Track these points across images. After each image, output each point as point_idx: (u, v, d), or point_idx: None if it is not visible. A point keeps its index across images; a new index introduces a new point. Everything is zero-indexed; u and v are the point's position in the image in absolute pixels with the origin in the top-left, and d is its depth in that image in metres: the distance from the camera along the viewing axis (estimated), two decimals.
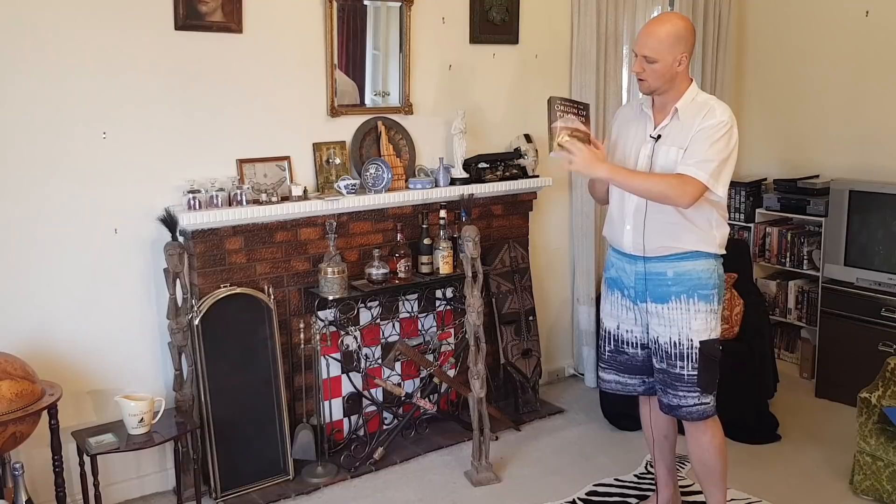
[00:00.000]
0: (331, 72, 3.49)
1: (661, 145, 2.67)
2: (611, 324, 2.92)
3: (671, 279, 2.69)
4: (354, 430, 3.69)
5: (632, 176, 2.64)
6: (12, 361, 2.66)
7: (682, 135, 2.64)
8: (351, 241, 3.57)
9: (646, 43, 2.61)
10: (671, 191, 2.57)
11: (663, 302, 2.71)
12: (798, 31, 4.65)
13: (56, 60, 2.91)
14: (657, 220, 2.67)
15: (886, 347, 3.93)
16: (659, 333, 2.75)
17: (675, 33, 2.60)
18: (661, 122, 2.70)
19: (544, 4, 4.18)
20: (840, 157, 4.48)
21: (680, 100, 2.66)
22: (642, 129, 2.76)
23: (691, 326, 2.69)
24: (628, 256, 2.78)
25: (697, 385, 2.70)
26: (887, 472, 3.15)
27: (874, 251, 4.07)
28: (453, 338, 3.94)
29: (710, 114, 2.61)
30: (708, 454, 2.82)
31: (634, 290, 2.78)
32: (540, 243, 4.35)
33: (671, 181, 2.58)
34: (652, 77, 2.63)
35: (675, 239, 2.68)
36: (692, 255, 2.69)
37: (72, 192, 3.01)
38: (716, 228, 2.71)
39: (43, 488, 3.00)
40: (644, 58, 2.61)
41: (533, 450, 3.71)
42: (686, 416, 2.76)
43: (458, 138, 3.78)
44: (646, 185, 2.62)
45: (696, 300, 2.68)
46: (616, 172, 2.65)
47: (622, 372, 2.93)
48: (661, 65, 2.59)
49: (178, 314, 3.14)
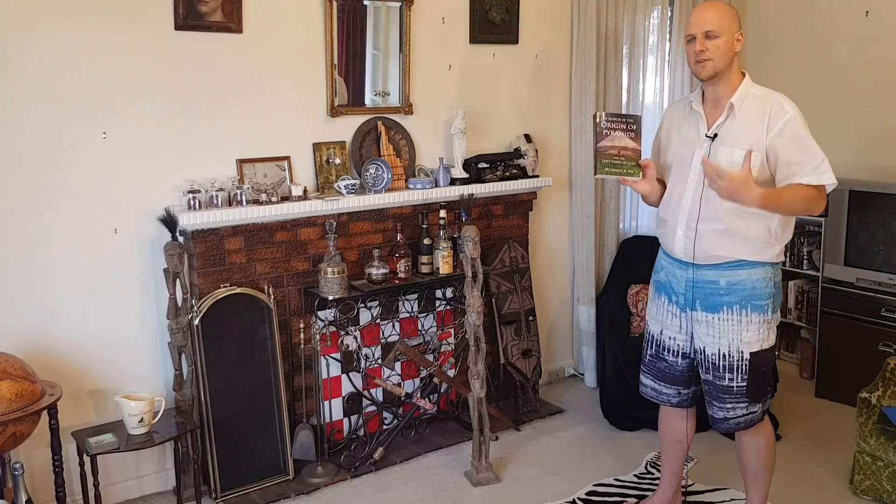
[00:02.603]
0: (331, 72, 3.49)
1: (719, 145, 2.55)
2: (654, 328, 2.84)
3: (724, 288, 2.59)
4: (354, 430, 3.69)
5: (780, 201, 2.48)
6: (12, 361, 2.66)
7: (744, 134, 2.51)
8: (351, 241, 3.57)
9: (706, 19, 2.50)
10: (814, 201, 2.50)
11: (714, 311, 2.62)
12: (798, 31, 4.65)
13: (56, 60, 2.91)
14: (710, 227, 2.57)
15: (886, 347, 3.93)
16: (706, 344, 2.66)
17: (730, 9, 2.56)
18: (715, 120, 2.58)
19: (544, 4, 4.18)
20: (840, 157, 4.46)
21: (735, 94, 2.54)
22: (694, 129, 2.64)
23: (742, 338, 2.60)
24: (679, 262, 2.68)
25: (746, 396, 2.63)
26: (887, 472, 3.15)
27: (874, 251, 4.07)
28: (453, 338, 3.94)
29: (779, 110, 2.48)
30: (752, 456, 2.78)
31: (684, 297, 2.69)
32: (540, 243, 4.35)
33: (811, 196, 2.48)
34: (716, 54, 2.48)
35: (728, 247, 2.57)
36: (747, 265, 2.58)
37: (72, 192, 3.01)
38: (775, 237, 2.59)
39: (43, 488, 3.00)
40: (705, 35, 2.48)
41: (533, 450, 3.71)
42: (734, 427, 2.69)
43: (458, 138, 3.78)
44: (791, 207, 2.51)
45: (750, 311, 2.58)
46: (769, 200, 2.45)
47: (659, 379, 2.85)
48: (724, 39, 2.48)
49: (178, 314, 3.14)
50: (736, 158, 2.50)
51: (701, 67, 2.53)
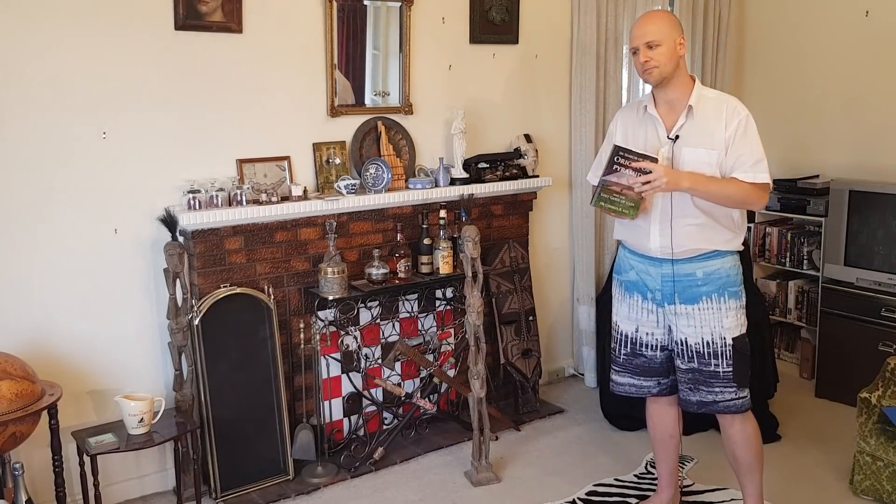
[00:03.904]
0: (331, 72, 3.49)
1: (683, 146, 2.66)
2: (628, 327, 2.90)
3: (701, 279, 2.70)
4: (354, 430, 3.69)
5: (711, 182, 2.61)
6: (12, 361, 2.66)
7: (704, 134, 2.64)
8: (351, 241, 3.58)
9: (645, 31, 2.64)
10: (751, 196, 2.64)
11: (693, 303, 2.72)
12: (798, 31, 4.65)
13: (56, 60, 2.91)
14: (686, 222, 2.68)
15: (886, 347, 3.93)
16: (687, 335, 2.74)
17: (668, 18, 2.70)
18: (673, 122, 2.69)
19: (544, 4, 4.18)
20: (840, 157, 4.49)
21: (691, 97, 2.67)
22: (652, 132, 2.74)
23: (723, 325, 2.71)
24: (653, 259, 2.76)
25: (734, 381, 2.72)
26: (887, 472, 3.15)
27: (874, 251, 4.07)
28: (453, 338, 3.94)
29: (733, 111, 2.64)
30: (741, 448, 2.82)
31: (661, 293, 2.77)
32: (540, 243, 4.35)
33: (747, 187, 2.61)
34: (661, 61, 2.62)
35: (704, 240, 2.69)
36: (719, 254, 2.71)
37: (72, 193, 3.01)
38: (738, 226, 2.74)
39: (43, 488, 3.00)
40: (647, 45, 2.62)
41: (533, 450, 3.71)
42: (724, 410, 2.76)
43: (458, 138, 3.78)
44: (725, 191, 2.62)
45: (727, 298, 2.71)
46: (698, 182, 2.60)
47: (638, 375, 2.91)
48: (666, 46, 2.61)
49: (178, 314, 3.14)
50: (702, 157, 2.63)
51: (648, 75, 2.67)
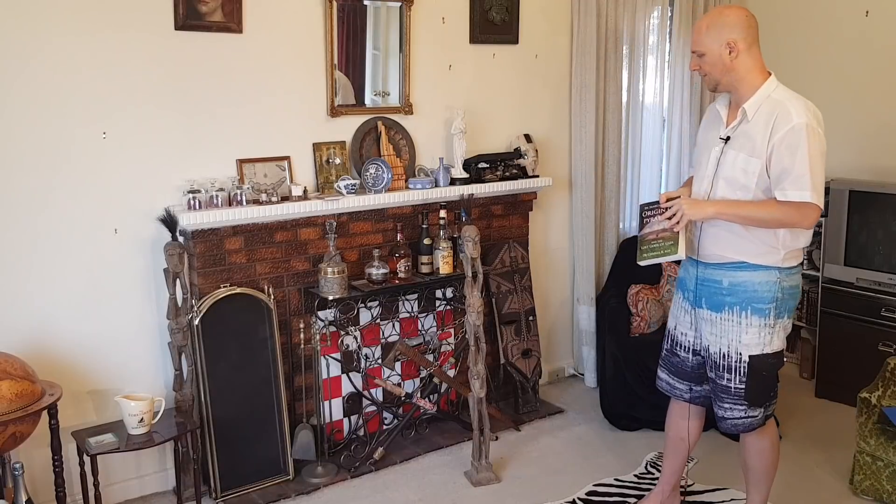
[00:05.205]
0: (331, 72, 3.49)
1: (729, 148, 2.57)
2: (671, 323, 2.90)
3: (726, 289, 2.62)
4: (354, 430, 3.69)
5: (740, 207, 2.52)
6: (12, 361, 2.66)
7: (751, 141, 2.51)
8: (351, 241, 3.57)
9: (693, 39, 2.62)
10: (790, 218, 2.47)
11: (717, 310, 2.65)
12: (798, 31, 4.65)
13: (56, 60, 2.91)
14: (713, 226, 2.62)
15: (886, 347, 3.93)
16: (710, 342, 2.70)
17: (711, 22, 2.55)
18: (731, 123, 2.61)
19: (544, 4, 4.18)
20: (840, 157, 4.48)
21: (750, 99, 2.53)
22: (715, 130, 2.67)
23: (741, 340, 2.61)
24: (690, 259, 2.73)
25: (745, 399, 2.65)
26: (887, 472, 3.15)
27: (874, 251, 4.07)
28: (453, 338, 3.94)
29: (784, 118, 2.45)
30: (754, 457, 2.80)
31: (693, 294, 2.73)
32: (540, 243, 4.35)
33: (785, 209, 2.46)
34: (708, 69, 2.58)
35: (731, 248, 2.59)
36: (749, 267, 2.58)
37: (72, 193, 3.01)
38: (782, 243, 2.56)
39: (43, 488, 3.00)
40: (695, 53, 2.60)
41: (533, 450, 3.71)
42: (731, 428, 2.72)
43: (458, 138, 3.79)
44: (758, 215, 2.50)
45: (749, 314, 2.59)
46: (725, 207, 2.54)
47: (672, 374, 2.90)
48: (709, 55, 2.55)
49: (178, 314, 3.14)
50: (739, 163, 2.53)
51: (705, 82, 2.66)
